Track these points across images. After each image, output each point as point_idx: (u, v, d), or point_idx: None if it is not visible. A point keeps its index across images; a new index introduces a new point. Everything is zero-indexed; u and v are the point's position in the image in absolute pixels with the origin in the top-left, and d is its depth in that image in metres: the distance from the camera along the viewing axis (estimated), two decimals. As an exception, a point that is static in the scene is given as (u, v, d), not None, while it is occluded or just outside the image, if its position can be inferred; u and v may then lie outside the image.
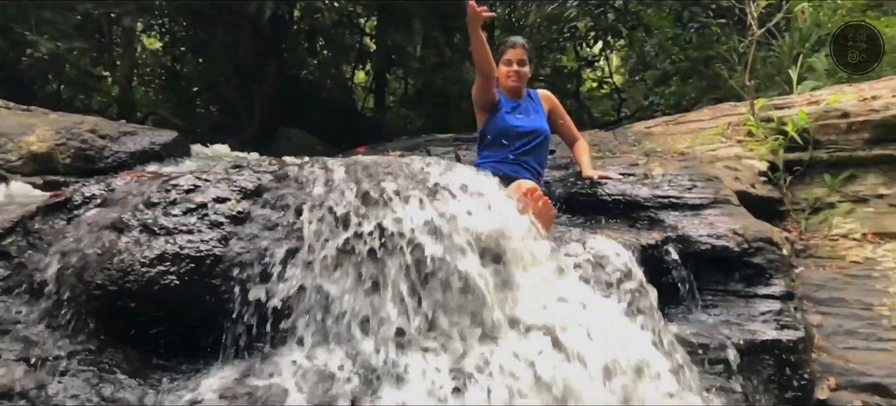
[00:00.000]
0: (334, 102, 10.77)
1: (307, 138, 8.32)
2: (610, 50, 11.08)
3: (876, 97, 4.53)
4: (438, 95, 9.96)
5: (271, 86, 9.44)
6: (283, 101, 9.88)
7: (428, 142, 6.09)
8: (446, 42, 10.21)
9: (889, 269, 3.83)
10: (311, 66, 11.65)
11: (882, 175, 4.28)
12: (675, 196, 3.82)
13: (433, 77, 10.14)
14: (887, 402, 3.22)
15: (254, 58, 9.69)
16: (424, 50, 10.19)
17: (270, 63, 9.46)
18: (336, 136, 8.85)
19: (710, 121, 5.46)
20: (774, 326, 3.23)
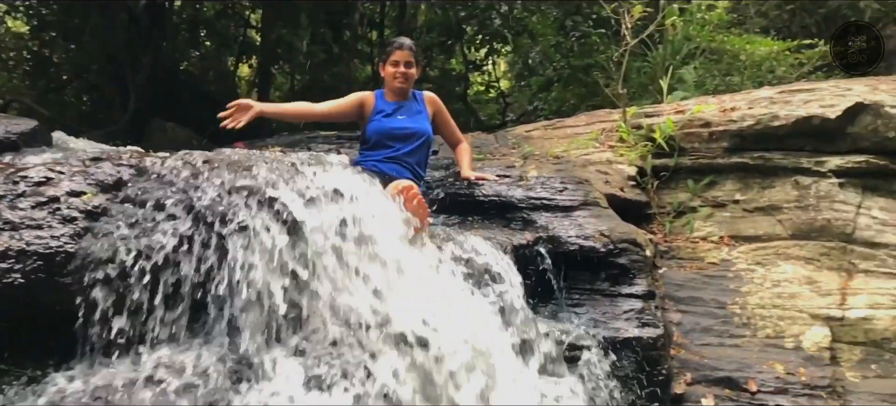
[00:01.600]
0: (216, 96, 10.39)
1: (183, 132, 7.99)
2: (496, 55, 11.29)
3: (734, 108, 4.83)
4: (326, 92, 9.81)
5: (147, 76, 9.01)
6: (161, 93, 9.45)
7: (310, 138, 5.99)
8: (334, 38, 10.09)
9: (741, 270, 4.09)
10: (193, 58, 11.22)
11: (738, 182, 4.57)
12: (547, 198, 3.93)
13: (320, 73, 9.99)
14: (736, 395, 3.44)
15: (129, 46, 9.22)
16: (311, 45, 10.02)
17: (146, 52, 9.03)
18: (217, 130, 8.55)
19: (586, 126, 5.66)
20: (636, 324, 3.38)
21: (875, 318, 3.66)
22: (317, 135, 6.21)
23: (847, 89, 4.83)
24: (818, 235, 4.14)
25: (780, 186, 4.42)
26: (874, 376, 3.50)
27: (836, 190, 4.29)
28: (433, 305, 2.79)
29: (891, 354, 3.56)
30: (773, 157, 4.52)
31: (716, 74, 6.93)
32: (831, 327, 3.69)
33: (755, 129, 4.58)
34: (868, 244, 4.03)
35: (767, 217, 4.34)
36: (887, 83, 5.10)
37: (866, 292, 3.79)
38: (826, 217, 4.17)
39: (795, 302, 3.83)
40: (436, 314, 2.75)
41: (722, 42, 7.02)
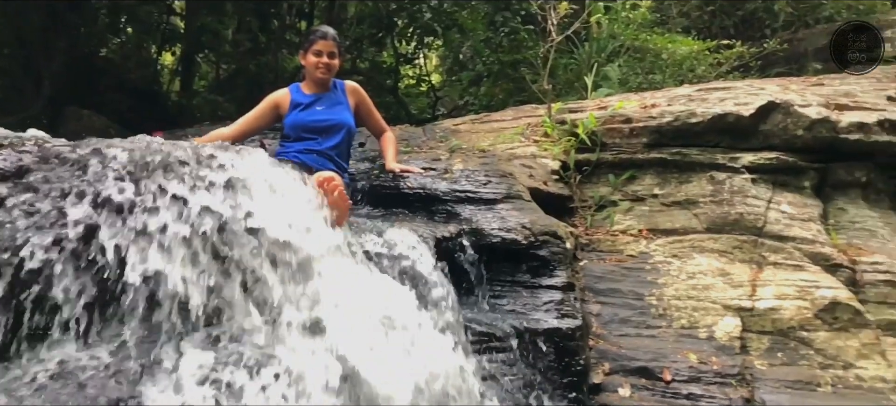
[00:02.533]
0: (138, 84, 10.05)
1: (100, 120, 7.69)
2: (427, 48, 11.27)
3: (654, 105, 4.96)
4: (252, 82, 9.61)
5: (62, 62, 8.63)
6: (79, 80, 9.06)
7: (234, 129, 5.82)
8: (261, 27, 9.87)
9: (658, 263, 4.20)
10: (113, 45, 10.80)
11: (657, 176, 4.69)
12: (471, 191, 3.95)
13: (247, 63, 9.76)
14: (651, 384, 3.53)
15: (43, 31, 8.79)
16: (238, 34, 9.79)
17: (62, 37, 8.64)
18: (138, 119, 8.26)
19: (512, 121, 5.72)
20: (555, 315, 3.42)
21: (782, 308, 3.82)
22: (240, 125, 6.04)
23: (760, 89, 5.03)
24: (731, 229, 4.29)
25: (696, 181, 4.56)
26: (780, 364, 3.64)
27: (749, 185, 4.45)
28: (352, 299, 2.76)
29: (795, 343, 3.72)
30: (690, 153, 4.66)
31: (639, 72, 7.10)
32: (742, 317, 3.83)
33: (674, 125, 4.72)
34: (777, 238, 4.20)
35: (684, 211, 4.47)
36: (797, 84, 5.34)
37: (774, 284, 3.94)
38: (739, 211, 4.32)
39: (709, 293, 3.96)
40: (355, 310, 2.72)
41: (645, 41, 7.20)
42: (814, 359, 3.66)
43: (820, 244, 4.16)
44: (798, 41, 7.76)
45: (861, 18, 7.51)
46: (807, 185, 4.56)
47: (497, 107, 8.13)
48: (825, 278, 3.96)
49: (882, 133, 4.61)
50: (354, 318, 2.63)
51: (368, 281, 2.93)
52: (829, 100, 4.85)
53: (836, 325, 3.76)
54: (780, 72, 6.91)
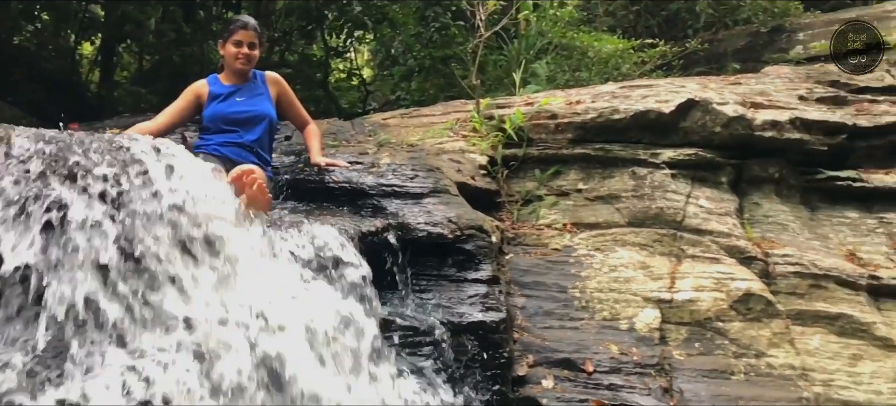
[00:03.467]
0: (55, 74, 9.60)
1: (13, 111, 7.33)
2: (358, 42, 11.17)
3: (579, 102, 5.04)
4: (176, 74, 9.31)
5: (-29, 50, 8.18)
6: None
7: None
8: (186, 17, 9.58)
9: (582, 256, 4.27)
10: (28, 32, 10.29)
11: (581, 171, 4.77)
12: (398, 185, 3.93)
13: (171, 53, 9.46)
14: (573, 375, 3.59)
15: (-51, 16, 8.33)
16: (161, 23, 9.46)
17: (-30, 23, 8.19)
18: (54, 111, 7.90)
19: (442, 116, 5.72)
20: (480, 309, 3.44)
21: (699, 300, 3.94)
22: (161, 117, 5.85)
23: (681, 86, 5.17)
24: (652, 223, 4.39)
25: (618, 176, 4.66)
26: (697, 353, 3.76)
27: (669, 180, 4.58)
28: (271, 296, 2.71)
29: (712, 333, 3.84)
30: (613, 149, 4.76)
31: (567, 70, 7.21)
32: (661, 309, 3.93)
33: (597, 121, 4.81)
34: (695, 231, 4.33)
35: (607, 205, 4.56)
36: (716, 82, 5.52)
37: (692, 276, 4.07)
38: (659, 206, 4.44)
39: (630, 285, 4.05)
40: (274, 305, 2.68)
41: (572, 39, 7.32)
42: (728, 348, 3.79)
43: (735, 237, 4.31)
44: (718, 41, 8.02)
45: (776, 21, 7.82)
46: (724, 180, 4.71)
47: (428, 102, 8.12)
48: (740, 270, 4.11)
49: (794, 131, 4.81)
50: (272, 315, 2.58)
51: (287, 277, 2.89)
52: (745, 98, 5.03)
53: (749, 316, 3.90)
54: (701, 71, 7.13)
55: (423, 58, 9.12)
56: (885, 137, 5.05)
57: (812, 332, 3.92)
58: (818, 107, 5.14)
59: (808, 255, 4.25)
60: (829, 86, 5.43)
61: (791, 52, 7.28)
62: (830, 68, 5.76)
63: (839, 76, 5.51)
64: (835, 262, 4.24)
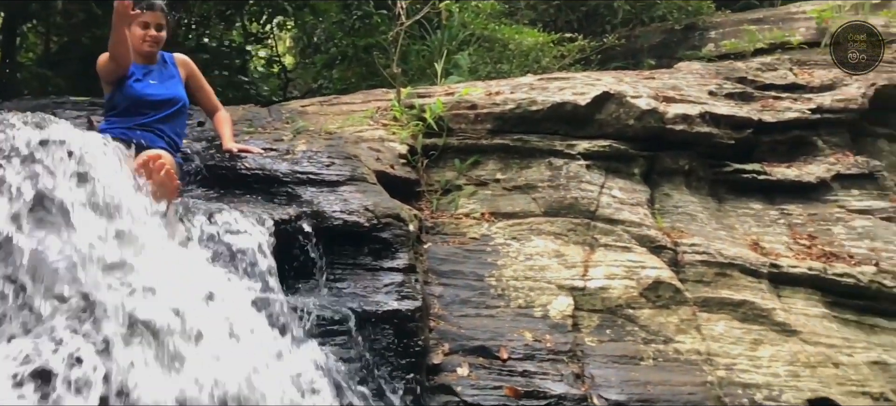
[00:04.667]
0: (-49, 55, 9.03)
1: None
2: (279, 28, 10.95)
3: (499, 93, 5.08)
4: (86, 56, 8.89)
5: None
6: None
7: (57, 104, 5.37)
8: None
9: (499, 245, 4.31)
10: (-78, 10, 9.64)
11: (500, 161, 4.81)
12: (313, 172, 3.87)
13: (80, 35, 9.03)
14: (488, 362, 3.62)
15: None
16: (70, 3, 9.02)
17: None
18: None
19: (362, 104, 5.66)
20: (396, 297, 3.42)
21: (611, 288, 4.04)
22: (65, 100, 5.59)
23: (597, 79, 5.28)
24: (567, 212, 4.47)
25: (535, 167, 4.72)
26: (608, 340, 3.86)
27: (584, 171, 4.67)
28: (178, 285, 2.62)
29: (622, 320, 3.95)
30: (530, 140, 4.81)
31: (488, 61, 7.25)
32: (575, 297, 4.01)
33: (516, 112, 4.85)
34: (608, 221, 4.43)
35: (524, 195, 4.62)
36: (631, 76, 5.65)
37: (604, 264, 4.16)
38: (574, 196, 4.52)
39: (545, 274, 4.11)
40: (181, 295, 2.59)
41: (494, 31, 7.36)
42: (638, 334, 3.90)
43: (646, 227, 4.43)
44: (635, 38, 8.23)
45: (690, 19, 8.08)
46: (636, 171, 4.84)
47: (351, 91, 8.02)
48: (650, 259, 4.23)
49: (703, 125, 4.98)
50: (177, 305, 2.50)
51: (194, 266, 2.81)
52: (658, 92, 5.16)
53: (658, 303, 4.03)
54: (618, 66, 7.29)
55: (346, 46, 9.00)
56: (787, 132, 5.29)
57: (717, 318, 4.08)
58: (726, 102, 5.34)
59: (715, 244, 4.42)
60: (737, 82, 5.63)
61: (703, 50, 7.53)
62: (739, 65, 5.99)
63: (746, 73, 5.73)
64: (739, 251, 4.42)
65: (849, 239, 4.68)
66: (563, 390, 3.52)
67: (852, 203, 4.92)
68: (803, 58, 6.32)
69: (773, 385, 3.81)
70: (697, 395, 3.63)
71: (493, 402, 3.44)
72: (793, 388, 3.81)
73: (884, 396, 3.91)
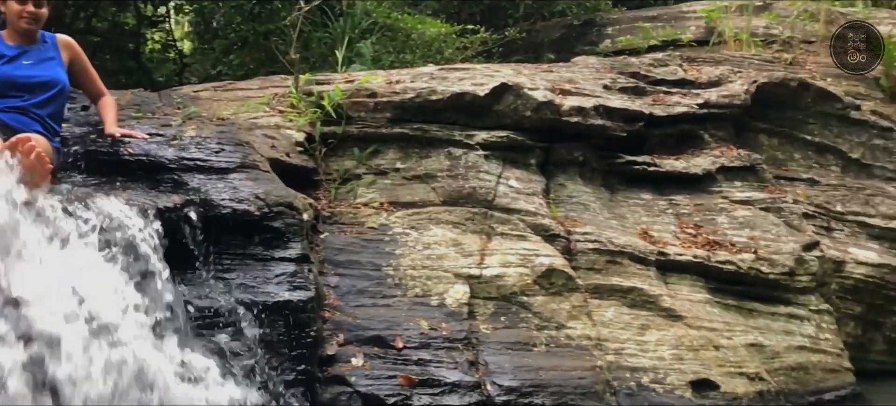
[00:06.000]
0: None
1: None
2: (175, 12, 10.53)
3: (399, 81, 5.05)
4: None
5: None
6: None
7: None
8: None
9: (397, 234, 4.29)
10: None
11: (400, 151, 4.78)
12: (201, 159, 3.72)
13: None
14: (384, 352, 3.60)
15: None
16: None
17: None
18: None
19: (258, 90, 5.51)
20: (288, 288, 3.34)
21: (506, 276, 4.09)
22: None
23: (496, 71, 5.33)
24: (465, 202, 4.50)
25: (435, 156, 4.72)
26: (502, 327, 3.91)
27: (482, 161, 4.70)
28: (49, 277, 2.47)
29: (517, 307, 4.01)
30: (430, 129, 4.81)
31: (391, 51, 7.21)
32: (471, 285, 4.04)
33: (416, 102, 4.83)
34: (505, 210, 4.48)
35: (423, 184, 4.61)
36: (529, 69, 5.73)
37: (500, 253, 4.21)
38: (472, 185, 4.55)
39: (442, 262, 4.12)
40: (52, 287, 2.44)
41: (397, 20, 7.32)
42: (531, 321, 3.97)
43: (541, 216, 4.51)
44: (536, 32, 8.38)
45: (588, 15, 8.29)
46: (533, 162, 4.92)
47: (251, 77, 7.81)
48: (544, 247, 4.31)
49: (597, 117, 5.10)
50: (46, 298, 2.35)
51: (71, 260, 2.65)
52: (554, 85, 5.26)
53: (551, 290, 4.11)
54: (519, 59, 7.39)
55: (246, 31, 8.76)
56: (676, 126, 5.50)
57: (607, 304, 4.21)
58: (620, 96, 5.50)
59: (606, 233, 4.54)
60: (631, 77, 5.81)
61: (600, 45, 7.75)
62: (632, 61, 6.18)
63: (639, 68, 5.91)
64: (629, 239, 4.57)
65: (731, 228, 4.91)
66: (458, 378, 3.53)
67: (735, 194, 5.18)
68: (693, 55, 6.59)
69: (659, 368, 3.96)
70: (587, 379, 3.73)
71: (388, 391, 3.42)
72: (677, 371, 3.98)
73: (759, 376, 4.14)
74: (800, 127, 5.87)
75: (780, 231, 4.90)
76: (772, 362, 4.35)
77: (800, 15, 7.20)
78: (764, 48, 6.83)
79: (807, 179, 5.67)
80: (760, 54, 6.65)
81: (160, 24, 10.86)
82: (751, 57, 6.50)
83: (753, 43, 6.87)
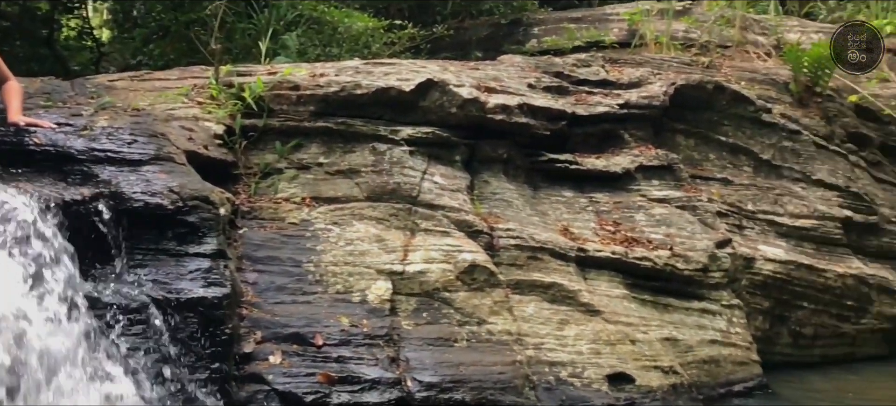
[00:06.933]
0: None
1: None
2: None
3: (323, 75, 4.98)
4: None
5: None
6: None
7: None
8: None
9: (319, 230, 4.23)
10: None
11: (323, 145, 4.71)
12: (113, 150, 3.59)
13: None
14: (303, 349, 3.55)
15: None
16: None
17: None
18: None
19: (177, 81, 5.35)
20: (202, 284, 3.26)
21: (429, 272, 4.09)
22: None
23: (422, 67, 5.32)
24: (389, 198, 4.47)
25: (359, 151, 4.68)
26: (424, 323, 3.91)
27: (407, 157, 4.69)
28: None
29: (439, 303, 4.01)
30: (355, 124, 4.76)
31: (318, 44, 7.11)
32: (393, 281, 4.02)
33: (340, 95, 4.78)
34: (429, 206, 4.48)
35: (347, 180, 4.56)
36: (456, 66, 5.75)
37: (424, 249, 4.21)
38: (397, 181, 4.53)
39: (365, 259, 4.09)
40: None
41: (324, 13, 7.23)
42: (453, 317, 3.98)
43: (465, 212, 4.53)
44: (464, 30, 8.41)
45: (515, 15, 8.38)
46: (458, 159, 4.93)
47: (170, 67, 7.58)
48: (468, 244, 4.33)
49: (521, 115, 5.16)
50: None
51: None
52: (480, 82, 5.29)
53: (473, 286, 4.13)
54: (447, 56, 7.40)
55: (168, 21, 8.50)
56: (597, 125, 5.61)
57: (528, 299, 4.26)
58: (544, 95, 5.57)
59: (528, 229, 4.60)
60: (555, 77, 5.89)
61: (527, 45, 7.83)
62: (557, 61, 6.26)
63: (563, 68, 6.00)
64: (550, 236, 4.64)
65: (648, 225, 5.05)
66: (378, 375, 3.52)
67: (653, 192, 5.32)
68: (615, 56, 6.73)
69: (577, 362, 4.04)
70: (507, 374, 3.76)
71: (306, 389, 3.37)
72: (594, 365, 4.06)
73: (672, 369, 4.28)
74: (715, 128, 6.07)
75: (695, 229, 5.07)
76: (685, 356, 4.50)
77: (717, 20, 7.45)
78: (683, 51, 7.03)
79: (721, 179, 5.87)
80: (679, 57, 6.84)
81: (76, 11, 10.44)
82: (670, 59, 6.68)
83: (673, 46, 7.07)
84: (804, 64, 6.63)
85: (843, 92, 6.85)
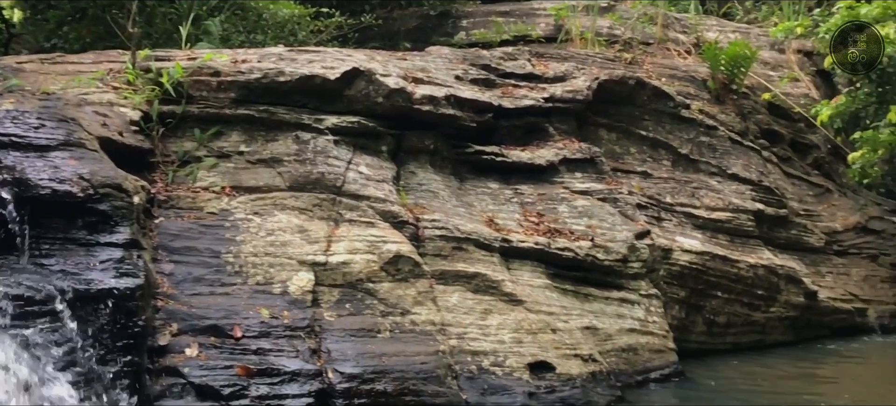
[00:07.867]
0: None
1: None
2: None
3: (245, 61, 4.87)
4: None
5: None
6: None
7: None
8: None
9: (239, 220, 4.14)
10: None
11: (244, 133, 4.62)
12: (17, 134, 3.42)
13: None
14: (220, 341, 3.47)
15: None
16: None
17: None
18: None
19: (92, 65, 5.13)
20: (113, 275, 3.15)
21: (353, 262, 4.06)
22: None
23: (348, 55, 5.27)
24: (313, 188, 4.42)
25: (282, 140, 4.60)
26: (347, 314, 3.88)
27: (332, 146, 4.64)
28: None
29: (363, 293, 3.99)
30: (277, 112, 4.68)
31: (242, 30, 6.94)
32: (316, 272, 3.98)
33: (262, 82, 4.69)
34: (354, 196, 4.45)
35: (269, 169, 4.49)
36: (383, 55, 5.71)
37: (348, 239, 4.17)
38: (321, 171, 4.47)
39: (286, 249, 4.03)
40: None
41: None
42: (377, 307, 3.97)
43: (391, 203, 4.52)
44: (393, 20, 8.37)
45: (444, 6, 8.38)
46: (384, 149, 4.91)
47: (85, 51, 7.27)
48: (392, 234, 4.31)
49: (449, 107, 5.17)
50: None
51: None
52: (407, 73, 5.27)
53: (398, 277, 4.13)
54: (375, 46, 7.34)
55: (84, 3, 8.13)
56: (523, 118, 5.68)
57: (452, 290, 4.29)
58: (471, 87, 5.59)
59: (454, 220, 4.62)
60: (482, 69, 5.91)
61: (455, 37, 7.86)
62: (484, 53, 6.30)
63: (490, 61, 6.03)
64: (475, 226, 4.67)
65: (571, 217, 5.14)
66: (298, 366, 3.47)
67: (575, 184, 5.42)
68: (541, 50, 6.82)
69: (499, 351, 4.08)
70: (430, 363, 3.78)
71: (223, 382, 3.31)
72: (516, 354, 4.12)
73: (592, 357, 4.37)
74: (636, 123, 6.23)
75: (616, 220, 5.19)
76: (604, 344, 4.61)
77: (640, 18, 7.64)
78: (607, 47, 7.19)
79: (641, 172, 6.03)
80: (603, 53, 6.99)
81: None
82: (594, 55, 6.81)
83: (597, 42, 7.22)
84: (722, 62, 6.88)
85: (757, 90, 7.15)
